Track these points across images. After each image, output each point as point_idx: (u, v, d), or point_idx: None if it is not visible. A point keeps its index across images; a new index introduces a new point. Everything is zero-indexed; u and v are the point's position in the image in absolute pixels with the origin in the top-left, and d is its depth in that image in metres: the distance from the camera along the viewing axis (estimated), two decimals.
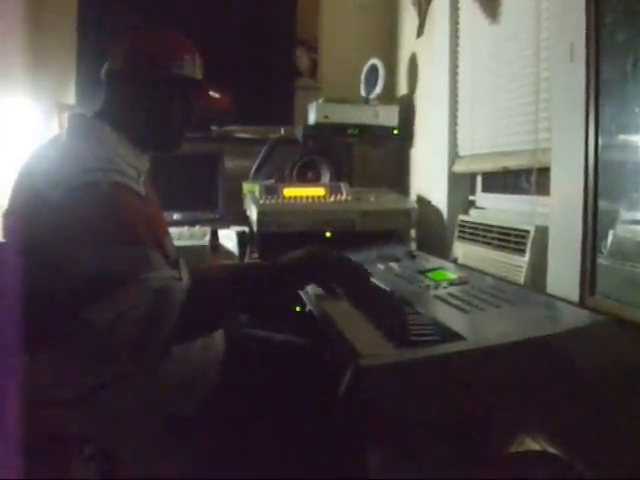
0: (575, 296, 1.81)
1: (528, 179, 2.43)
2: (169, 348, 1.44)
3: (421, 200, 3.25)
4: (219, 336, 1.81)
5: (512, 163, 2.41)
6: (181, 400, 1.64)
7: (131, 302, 1.36)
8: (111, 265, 1.39)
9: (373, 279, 1.98)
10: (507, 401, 1.37)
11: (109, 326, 1.35)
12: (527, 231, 2.17)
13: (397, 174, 3.68)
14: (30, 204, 1.53)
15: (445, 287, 1.84)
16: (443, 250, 2.82)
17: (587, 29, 1.78)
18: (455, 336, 1.35)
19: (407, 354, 1.29)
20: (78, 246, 1.41)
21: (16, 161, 2.50)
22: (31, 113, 3.06)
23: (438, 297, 1.74)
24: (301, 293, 2.03)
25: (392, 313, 1.62)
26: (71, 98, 3.29)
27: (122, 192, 1.51)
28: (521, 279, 2.15)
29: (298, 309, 2.61)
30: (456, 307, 1.61)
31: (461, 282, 1.87)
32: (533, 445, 1.77)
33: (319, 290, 1.86)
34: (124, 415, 1.58)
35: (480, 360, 1.28)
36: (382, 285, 1.95)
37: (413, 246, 3.05)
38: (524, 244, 2.17)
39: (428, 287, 1.87)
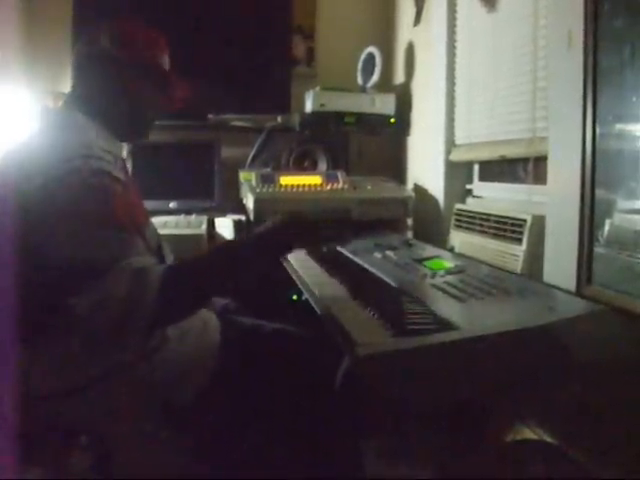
0: (572, 285, 1.80)
1: (525, 168, 2.43)
2: (151, 330, 1.46)
3: (418, 189, 3.25)
4: (214, 325, 1.81)
5: (509, 152, 2.41)
6: (176, 389, 1.63)
7: (111, 287, 1.36)
8: (94, 252, 1.40)
9: (371, 268, 1.99)
10: (504, 390, 1.37)
11: (89, 312, 1.35)
12: (524, 220, 2.17)
13: (394, 162, 3.67)
14: (10, 198, 1.52)
15: (442, 276, 1.84)
16: (440, 239, 2.82)
17: (585, 16, 1.77)
18: (451, 325, 1.35)
19: (404, 343, 1.28)
20: (61, 234, 1.41)
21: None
22: (26, 101, 3.04)
23: (435, 286, 1.73)
24: (297, 281, 2.03)
25: (389, 302, 1.62)
26: (66, 86, 3.27)
27: (103, 178, 1.50)
28: (518, 268, 2.15)
29: (294, 298, 2.61)
30: (453, 296, 1.60)
31: (458, 271, 1.87)
32: (530, 434, 1.78)
33: (315, 278, 1.87)
34: (120, 405, 1.58)
35: (476, 349, 1.28)
36: (380, 274, 1.95)
37: (409, 235, 3.04)
38: (521, 233, 2.17)
39: (425, 276, 1.86)
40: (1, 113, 2.92)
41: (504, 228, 2.29)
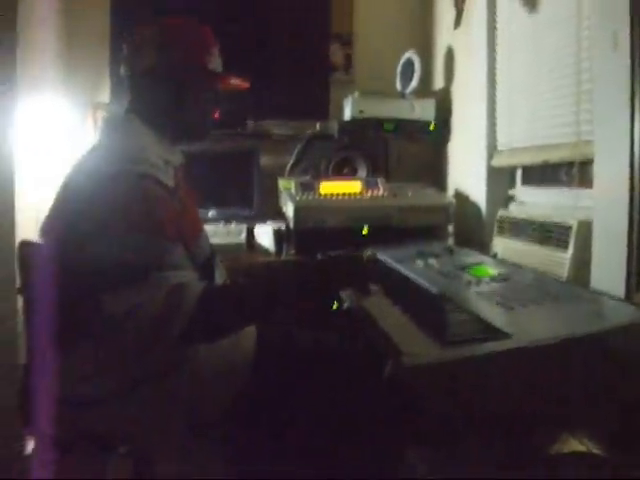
0: (621, 292, 1.76)
1: (568, 172, 2.39)
2: (181, 347, 1.46)
3: (459, 195, 3.21)
4: (250, 333, 1.79)
5: (553, 156, 2.36)
6: (209, 400, 1.63)
7: (145, 297, 1.37)
8: (130, 256, 1.41)
9: (414, 276, 1.96)
10: (552, 400, 1.33)
11: (120, 319, 1.37)
12: (570, 225, 2.12)
13: (434, 169, 3.64)
14: (62, 199, 1.57)
15: (487, 283, 1.81)
16: (481, 245, 2.78)
17: (631, 17, 1.73)
18: (500, 334, 1.32)
19: (451, 353, 1.26)
20: (101, 234, 1.42)
21: (51, 161, 2.51)
22: (66, 112, 3.06)
23: (480, 294, 1.70)
24: None
25: (434, 310, 1.59)
26: (105, 96, 3.30)
27: (150, 184, 1.52)
28: (563, 274, 2.10)
29: (335, 306, 2.58)
30: (499, 304, 1.57)
31: (503, 278, 1.84)
32: (577, 445, 1.73)
33: None
34: (152, 414, 1.58)
35: (526, 358, 1.25)
36: (423, 282, 1.92)
37: (450, 242, 3.01)
38: (566, 239, 2.13)
39: (469, 283, 1.83)
40: (42, 124, 2.94)
41: (549, 234, 2.25)
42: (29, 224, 1.62)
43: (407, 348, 1.30)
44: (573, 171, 2.27)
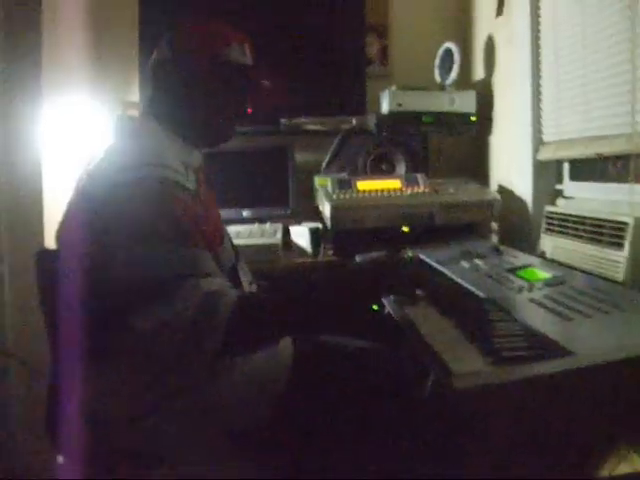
0: None
1: (622, 165, 2.25)
2: (217, 361, 1.38)
3: (502, 190, 3.08)
4: (287, 343, 1.71)
5: (606, 149, 2.22)
6: (244, 414, 1.55)
7: (176, 310, 1.30)
8: (158, 268, 1.34)
9: (459, 279, 1.85)
10: (616, 421, 1.21)
11: (154, 333, 1.31)
12: (625, 223, 1.98)
13: (476, 163, 3.51)
14: (78, 205, 1.50)
15: (540, 288, 1.68)
16: (528, 244, 2.66)
17: None
18: (561, 350, 1.19)
19: (506, 373, 1.13)
20: (124, 246, 1.35)
21: (81, 160, 2.47)
22: (95, 111, 3.02)
23: (534, 301, 1.57)
24: None
25: (484, 320, 1.47)
26: (135, 96, 3.23)
27: (171, 189, 1.45)
28: (618, 275, 1.97)
29: (375, 308, 2.49)
30: (557, 313, 1.44)
31: (557, 282, 1.71)
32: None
33: None
34: (189, 428, 1.51)
35: (591, 379, 1.12)
36: (470, 286, 1.80)
37: (494, 239, 2.89)
38: (622, 237, 1.99)
39: (521, 289, 1.71)
40: (71, 123, 2.90)
41: (601, 232, 2.11)
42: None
43: (456, 366, 1.18)
44: (626, 165, 2.13)
